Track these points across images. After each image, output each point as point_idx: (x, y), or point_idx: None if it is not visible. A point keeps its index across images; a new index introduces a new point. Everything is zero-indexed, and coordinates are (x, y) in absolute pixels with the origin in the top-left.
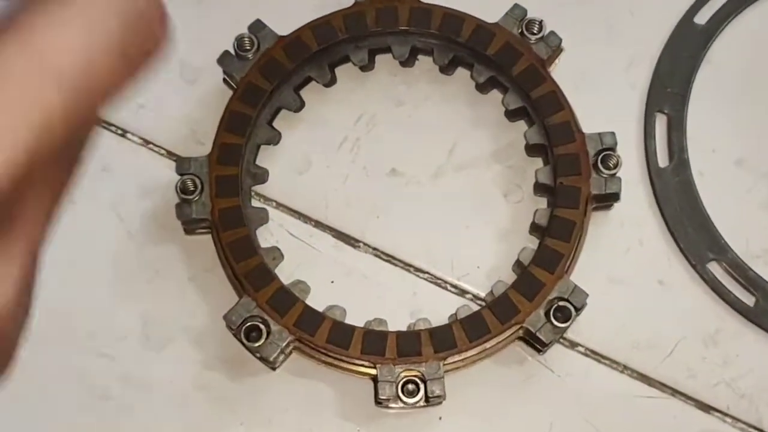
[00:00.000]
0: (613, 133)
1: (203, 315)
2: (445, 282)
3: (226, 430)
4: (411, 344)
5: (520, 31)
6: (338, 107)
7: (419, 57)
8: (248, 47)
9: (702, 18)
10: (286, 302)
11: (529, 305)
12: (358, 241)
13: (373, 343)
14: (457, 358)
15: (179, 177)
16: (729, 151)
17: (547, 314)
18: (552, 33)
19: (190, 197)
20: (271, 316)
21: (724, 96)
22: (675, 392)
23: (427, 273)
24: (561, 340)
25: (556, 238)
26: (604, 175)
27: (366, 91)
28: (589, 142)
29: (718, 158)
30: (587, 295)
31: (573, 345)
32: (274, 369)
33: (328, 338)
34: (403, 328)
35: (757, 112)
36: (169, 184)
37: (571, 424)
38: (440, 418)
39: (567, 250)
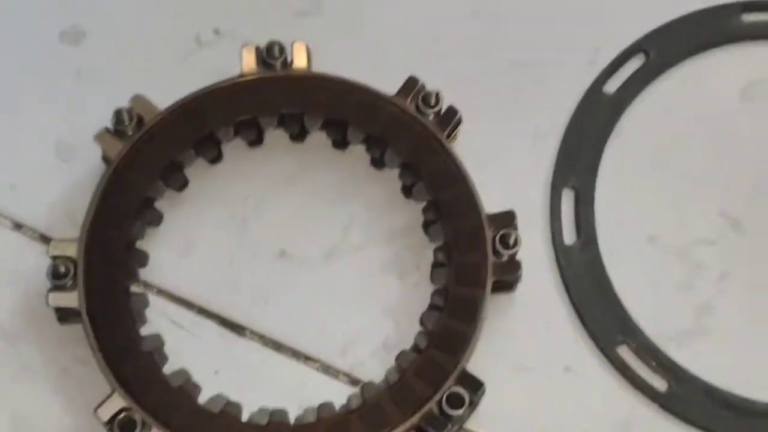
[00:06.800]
0: (511, 212)
1: (76, 412)
2: (337, 371)
3: None
4: None
5: (415, 104)
6: (224, 185)
7: (313, 132)
8: (126, 122)
9: (611, 87)
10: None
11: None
12: (244, 328)
13: None
14: None
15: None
16: (641, 227)
17: (439, 402)
18: (450, 107)
19: (63, 281)
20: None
21: (636, 169)
22: None
23: (318, 362)
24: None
25: (457, 319)
26: (504, 255)
27: (255, 168)
28: (488, 222)
29: (629, 235)
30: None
31: None
32: None
33: None
34: (290, 421)
35: (669, 185)
36: (42, 270)
37: None
38: None
39: (470, 331)
